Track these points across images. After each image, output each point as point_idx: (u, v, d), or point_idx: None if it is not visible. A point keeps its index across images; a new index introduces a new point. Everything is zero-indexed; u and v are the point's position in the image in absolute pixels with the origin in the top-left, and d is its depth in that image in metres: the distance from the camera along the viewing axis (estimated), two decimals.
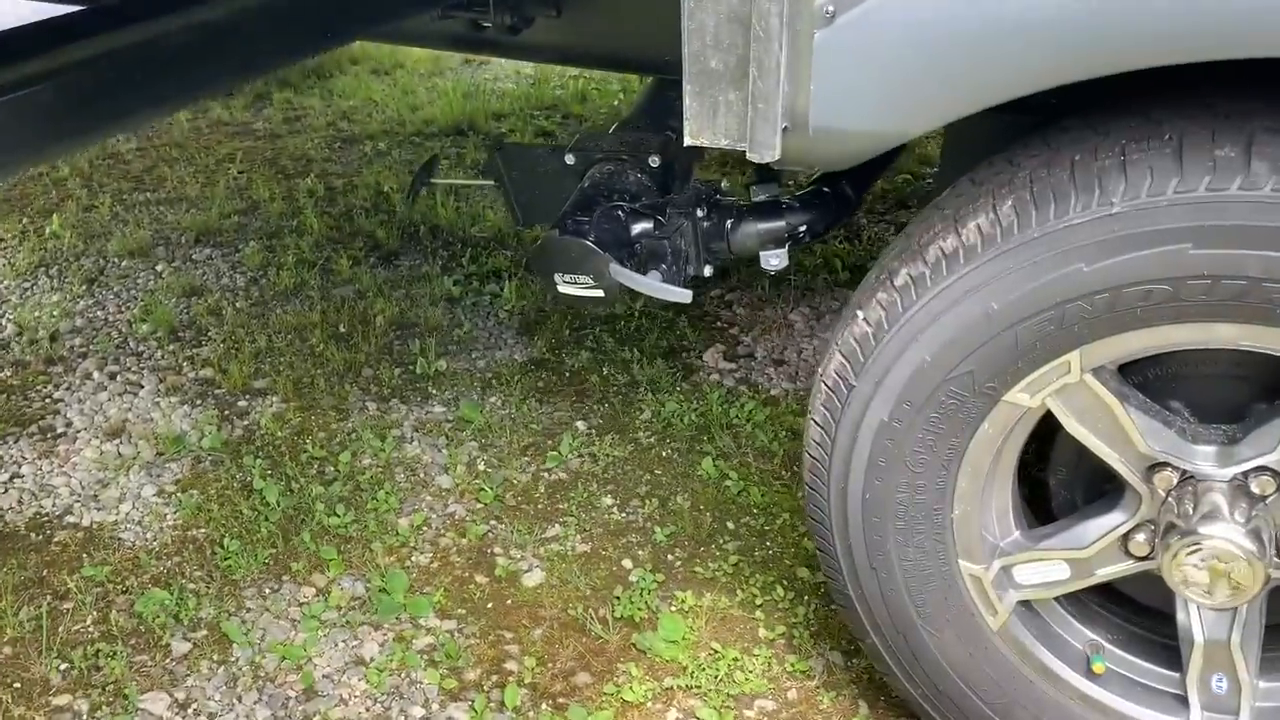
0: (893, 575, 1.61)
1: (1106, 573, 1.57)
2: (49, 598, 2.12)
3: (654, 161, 1.86)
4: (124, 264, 3.31)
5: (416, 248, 3.41)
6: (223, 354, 2.85)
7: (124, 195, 3.74)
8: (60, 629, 2.04)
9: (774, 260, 1.76)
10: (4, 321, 3.02)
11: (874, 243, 3.37)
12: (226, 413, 2.65)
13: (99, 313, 3.06)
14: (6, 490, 2.40)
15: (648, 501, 2.39)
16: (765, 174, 1.79)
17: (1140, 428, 1.44)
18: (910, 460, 1.52)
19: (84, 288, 3.18)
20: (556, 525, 2.33)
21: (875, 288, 1.49)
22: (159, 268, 3.28)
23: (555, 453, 2.53)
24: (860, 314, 1.50)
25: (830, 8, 1.23)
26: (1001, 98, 1.26)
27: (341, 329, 2.96)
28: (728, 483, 2.44)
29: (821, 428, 1.58)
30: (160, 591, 2.12)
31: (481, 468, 2.49)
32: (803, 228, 1.78)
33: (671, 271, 1.75)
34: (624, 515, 2.36)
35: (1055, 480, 1.67)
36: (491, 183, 2.05)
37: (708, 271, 1.82)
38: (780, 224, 1.76)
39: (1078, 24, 1.12)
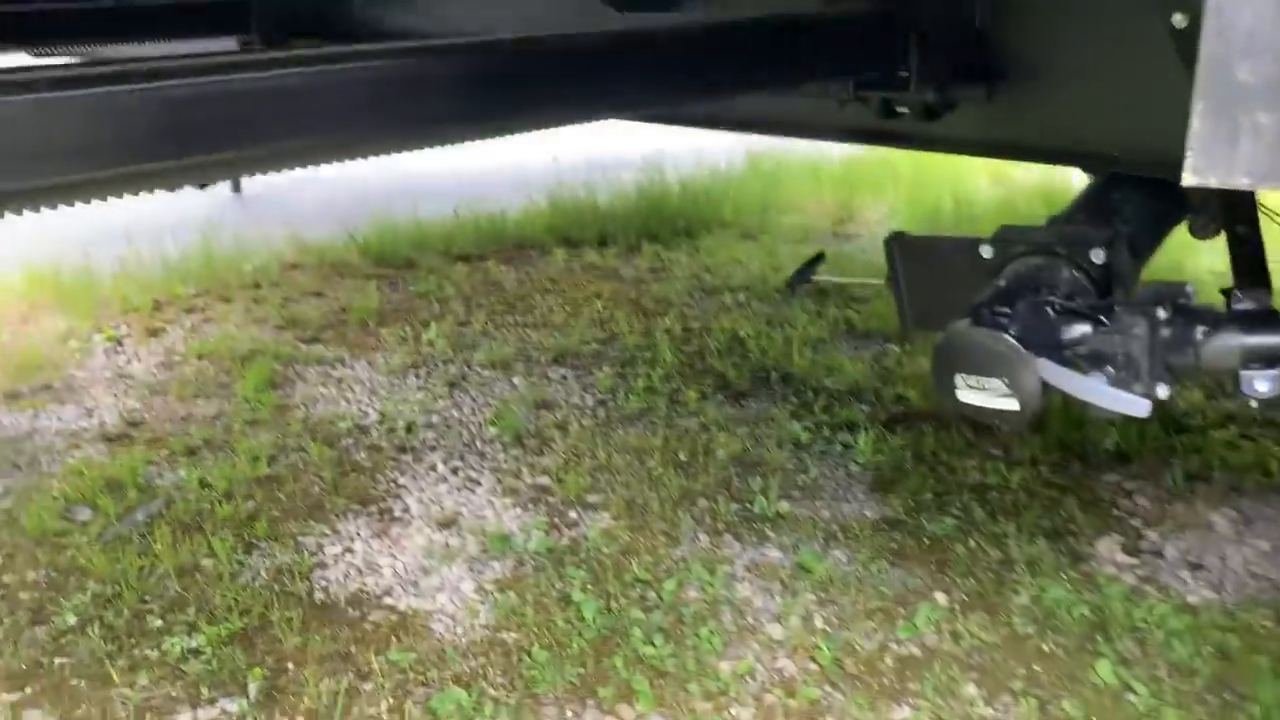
0: None
1: None
2: (351, 675, 1.99)
3: (1097, 257, 1.53)
4: (485, 373, 3.37)
5: (766, 391, 3.21)
6: (562, 465, 2.75)
7: (496, 315, 3.88)
8: (355, 708, 1.90)
9: (1261, 384, 1.34)
10: (369, 409, 3.13)
11: None
12: (556, 520, 2.51)
13: (454, 413, 3.10)
14: (337, 563, 2.37)
15: (1023, 700, 1.92)
16: (1254, 278, 1.40)
17: None
18: None
19: (446, 389, 3.25)
20: (906, 706, 1.92)
21: None
22: (516, 380, 3.31)
23: (909, 623, 2.13)
24: None
25: None
26: None
27: (681, 456, 2.78)
28: (1131, 696, 1.92)
29: None
30: (459, 690, 1.93)
31: (819, 624, 2.14)
32: None
33: (1117, 383, 1.38)
34: (992, 710, 1.90)
35: None
36: (878, 281, 1.80)
37: (1161, 392, 1.42)
38: (1276, 340, 1.35)
39: None
